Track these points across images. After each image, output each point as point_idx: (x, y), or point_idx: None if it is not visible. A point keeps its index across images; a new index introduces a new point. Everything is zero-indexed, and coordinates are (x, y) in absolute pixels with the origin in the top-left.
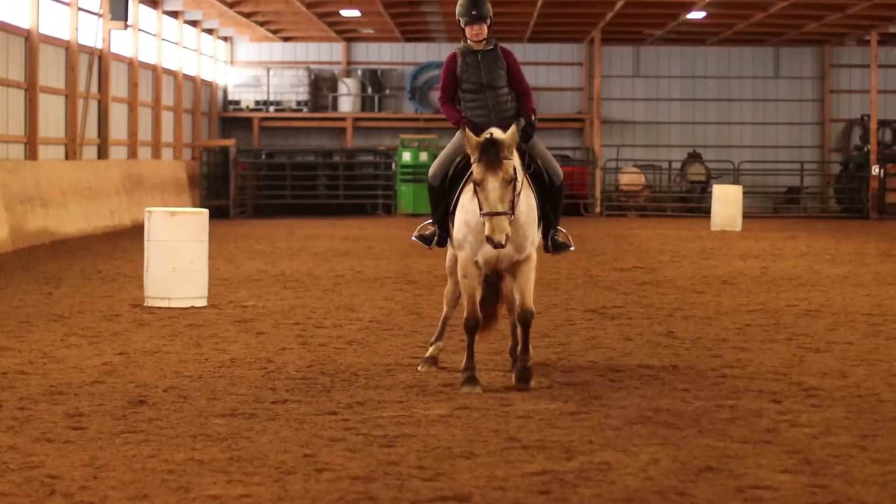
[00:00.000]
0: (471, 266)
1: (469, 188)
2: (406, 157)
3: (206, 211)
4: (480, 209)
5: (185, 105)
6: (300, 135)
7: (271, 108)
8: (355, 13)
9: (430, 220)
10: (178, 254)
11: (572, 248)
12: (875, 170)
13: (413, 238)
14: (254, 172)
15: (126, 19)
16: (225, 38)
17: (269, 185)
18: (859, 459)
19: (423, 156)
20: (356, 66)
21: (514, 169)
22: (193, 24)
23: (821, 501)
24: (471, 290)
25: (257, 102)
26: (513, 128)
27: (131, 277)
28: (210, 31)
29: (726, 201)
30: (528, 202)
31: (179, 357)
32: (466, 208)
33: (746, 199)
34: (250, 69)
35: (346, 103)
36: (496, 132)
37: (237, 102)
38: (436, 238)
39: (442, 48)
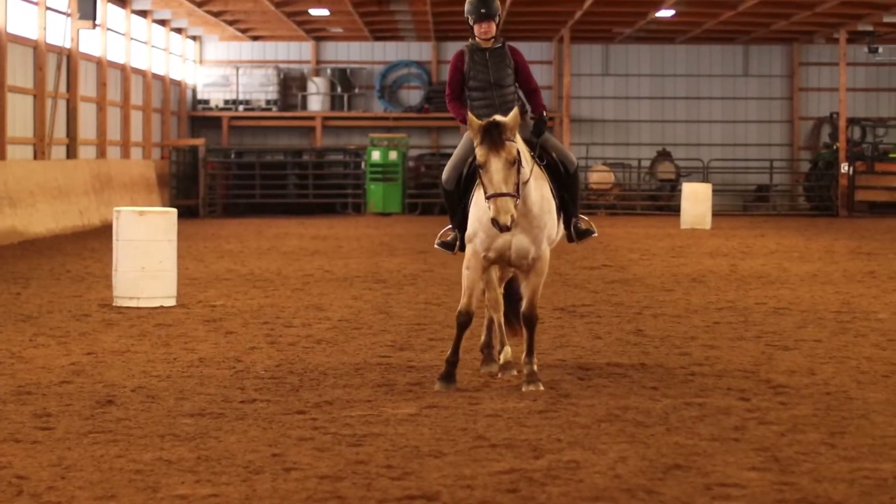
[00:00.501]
0: (476, 260)
1: (481, 187)
2: (375, 155)
3: (174, 210)
4: (485, 193)
5: (154, 104)
6: (269, 134)
7: (240, 108)
8: (324, 12)
9: (450, 226)
10: (147, 253)
11: (595, 234)
12: (844, 167)
13: (436, 245)
14: (223, 172)
15: (94, 18)
16: (194, 38)
17: (238, 185)
18: (827, 457)
19: (393, 155)
20: (325, 65)
21: (518, 152)
22: (162, 23)
23: (788, 499)
24: (471, 283)
25: (226, 102)
26: (515, 111)
27: (100, 277)
28: (179, 31)
29: (696, 199)
30: (541, 192)
31: (148, 357)
32: (480, 206)
33: (716, 198)
34: (219, 68)
35: (316, 102)
36: (498, 116)
37: (206, 102)
38: (458, 243)
39: (411, 47)
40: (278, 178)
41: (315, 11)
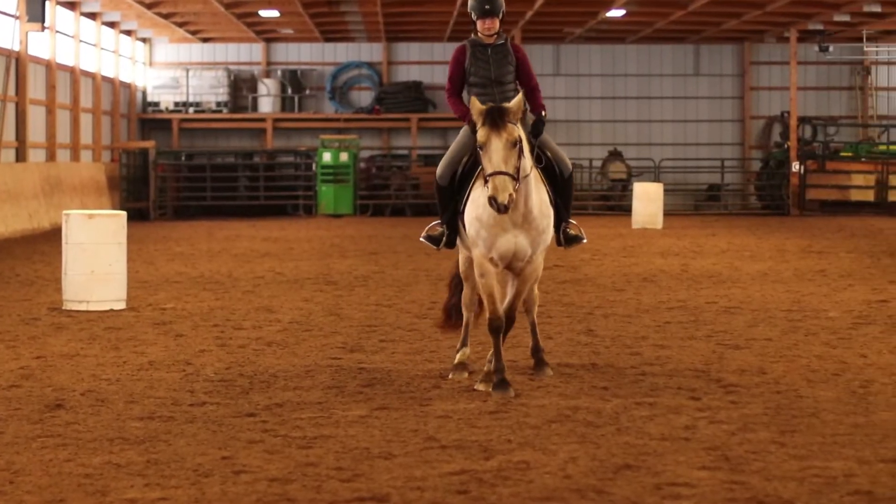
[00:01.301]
0: (487, 264)
1: (479, 184)
2: (326, 157)
3: (123, 213)
4: (484, 173)
5: (104, 107)
6: (220, 136)
7: (191, 110)
8: (274, 13)
9: (439, 221)
10: (96, 256)
11: (585, 241)
12: (795, 166)
13: (421, 239)
14: (174, 174)
15: (43, 21)
16: (144, 40)
17: (189, 187)
18: (777, 455)
19: (344, 156)
20: (276, 67)
21: (520, 137)
22: (112, 25)
23: (738, 497)
24: (489, 289)
25: (177, 104)
26: (519, 96)
27: (50, 280)
28: (129, 33)
29: (647, 199)
30: (540, 196)
31: (97, 360)
32: (478, 203)
33: (667, 197)
34: (169, 70)
35: (266, 104)
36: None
37: (156, 104)
38: (444, 239)
39: (362, 48)
40: (229, 180)
41: (265, 13)
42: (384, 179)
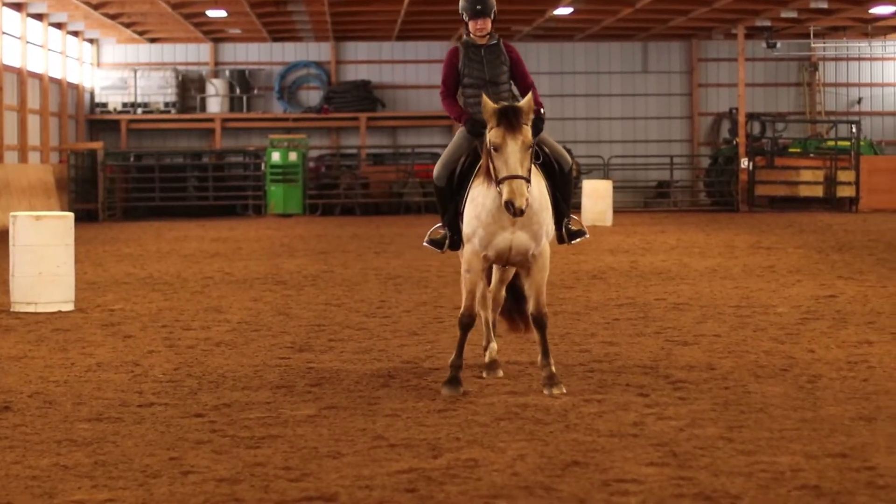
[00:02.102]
0: (476, 261)
1: (478, 183)
2: (275, 157)
3: (71, 214)
4: (496, 175)
5: (52, 108)
6: (168, 136)
7: (139, 110)
8: (222, 13)
9: (441, 224)
10: (44, 258)
11: (587, 236)
12: (744, 163)
13: (424, 243)
14: (122, 175)
15: None
16: (91, 41)
17: (138, 188)
18: (725, 451)
19: (293, 156)
20: (224, 67)
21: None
22: (59, 26)
23: (686, 493)
24: (472, 286)
25: (125, 104)
26: (529, 96)
27: None
28: (76, 34)
29: (596, 196)
30: (539, 189)
31: (45, 362)
32: (477, 202)
33: (617, 194)
34: (117, 71)
35: (215, 104)
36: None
37: (104, 105)
38: (447, 241)
39: (310, 48)
40: (178, 180)
41: (212, 13)
42: (333, 179)
